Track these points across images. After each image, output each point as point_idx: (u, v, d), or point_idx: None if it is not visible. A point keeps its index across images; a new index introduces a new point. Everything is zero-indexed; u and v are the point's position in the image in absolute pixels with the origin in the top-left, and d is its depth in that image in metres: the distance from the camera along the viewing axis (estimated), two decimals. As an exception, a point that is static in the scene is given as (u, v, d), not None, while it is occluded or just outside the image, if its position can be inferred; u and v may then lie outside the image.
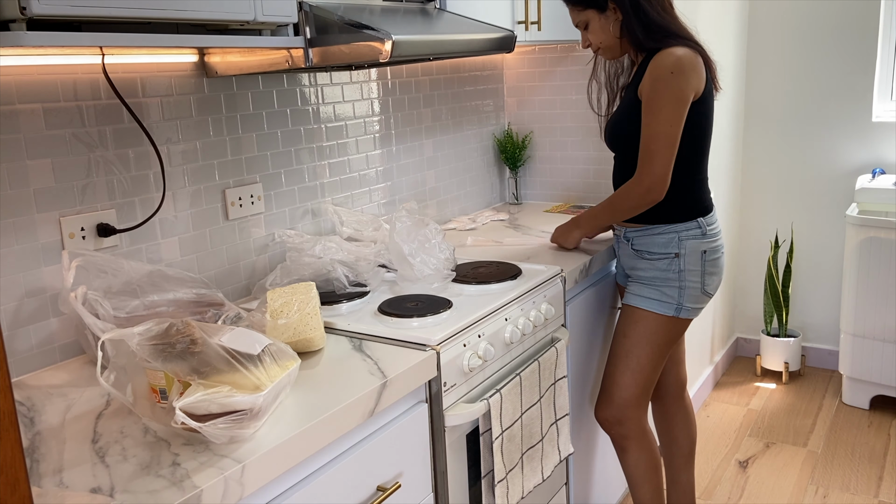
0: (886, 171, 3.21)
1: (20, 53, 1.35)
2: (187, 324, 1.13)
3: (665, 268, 1.89)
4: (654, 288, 1.91)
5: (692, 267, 1.88)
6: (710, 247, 1.89)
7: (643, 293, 1.92)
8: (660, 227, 1.89)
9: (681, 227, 1.87)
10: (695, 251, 1.87)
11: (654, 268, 1.90)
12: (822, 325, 3.51)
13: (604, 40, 1.89)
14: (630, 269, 1.98)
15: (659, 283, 1.90)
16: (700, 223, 1.88)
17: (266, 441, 1.09)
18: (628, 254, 1.97)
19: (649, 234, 1.91)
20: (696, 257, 1.88)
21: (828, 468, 2.69)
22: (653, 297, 1.90)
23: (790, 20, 3.29)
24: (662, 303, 1.90)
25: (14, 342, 1.41)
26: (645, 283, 1.92)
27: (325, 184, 2.08)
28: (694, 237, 1.87)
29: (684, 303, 1.89)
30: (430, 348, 1.43)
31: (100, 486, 1.00)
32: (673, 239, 1.88)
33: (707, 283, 1.91)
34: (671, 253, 1.88)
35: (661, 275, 1.89)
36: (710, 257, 1.90)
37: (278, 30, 1.45)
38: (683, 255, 1.87)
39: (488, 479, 1.60)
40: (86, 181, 1.50)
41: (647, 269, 1.92)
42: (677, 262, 1.88)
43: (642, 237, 1.92)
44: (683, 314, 1.91)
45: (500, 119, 2.87)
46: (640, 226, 1.92)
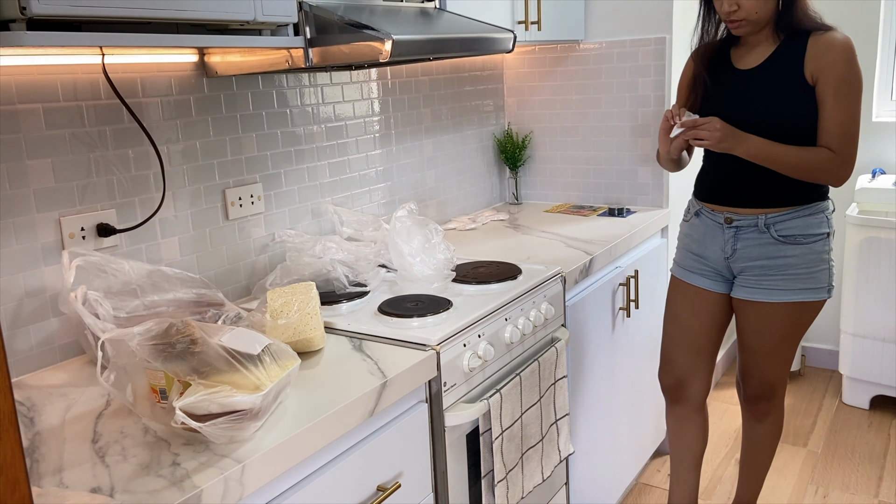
0: (886, 171, 3.20)
1: (20, 53, 1.35)
2: (187, 324, 1.13)
3: (821, 249, 1.85)
4: (807, 276, 1.85)
5: (832, 246, 1.90)
6: None
7: (794, 285, 1.86)
8: (812, 206, 1.85)
9: (827, 205, 1.88)
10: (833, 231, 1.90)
11: (811, 251, 1.85)
12: (822, 325, 3.51)
13: (760, 10, 1.76)
14: (762, 260, 1.88)
15: (814, 267, 1.85)
16: (832, 202, 1.91)
17: (266, 441, 1.09)
18: (767, 241, 1.87)
19: (800, 215, 1.84)
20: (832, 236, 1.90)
21: (828, 468, 2.69)
22: (807, 286, 1.86)
23: (790, 20, 3.28)
24: (817, 289, 1.86)
25: (14, 342, 1.41)
26: (797, 273, 1.85)
27: (325, 184, 2.08)
28: (832, 214, 1.90)
29: (832, 282, 1.89)
30: (430, 348, 1.44)
31: (100, 486, 1.00)
32: (823, 219, 1.86)
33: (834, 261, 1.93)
34: (824, 233, 1.85)
35: (817, 257, 1.85)
36: None
37: (278, 30, 1.45)
38: (832, 233, 1.87)
39: (488, 479, 1.60)
40: (86, 181, 1.50)
41: (801, 255, 1.85)
42: (828, 242, 1.87)
43: (790, 220, 1.84)
44: (832, 293, 1.90)
45: (500, 119, 2.87)
46: (787, 209, 1.85)
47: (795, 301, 1.87)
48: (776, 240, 1.86)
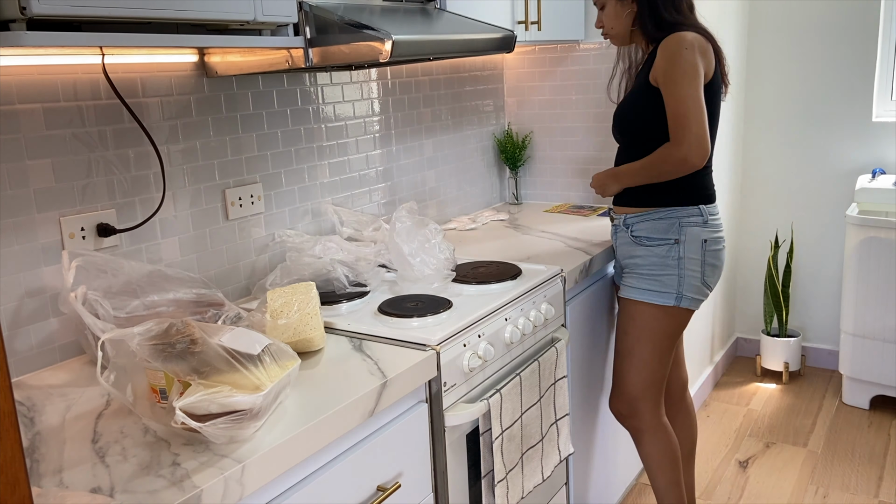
0: (886, 171, 3.20)
1: (20, 53, 1.35)
2: (187, 324, 1.13)
3: (664, 254, 1.87)
4: (651, 279, 1.89)
5: (692, 255, 1.86)
6: (712, 236, 1.88)
7: (641, 285, 1.91)
8: (661, 210, 1.88)
9: (682, 213, 1.86)
10: (695, 238, 1.86)
11: (653, 254, 1.88)
12: (822, 325, 3.51)
13: (615, 27, 1.94)
14: (627, 258, 1.96)
15: (657, 271, 1.88)
16: (702, 210, 1.87)
17: (266, 441, 1.09)
18: (626, 241, 1.95)
19: (650, 218, 1.89)
20: (696, 245, 1.86)
21: (828, 468, 2.69)
22: (651, 287, 1.89)
23: (790, 20, 3.29)
24: (661, 293, 1.88)
25: (14, 342, 1.41)
26: (643, 273, 1.90)
27: (325, 184, 2.08)
28: (695, 224, 1.86)
29: (684, 292, 1.87)
30: (430, 348, 1.43)
31: (100, 486, 1.00)
32: (674, 224, 1.86)
33: (707, 275, 1.89)
34: (671, 239, 1.87)
35: (660, 261, 1.87)
36: (711, 247, 1.88)
37: (278, 30, 1.45)
38: (683, 241, 1.86)
39: (488, 479, 1.59)
40: (86, 181, 1.50)
41: (645, 257, 1.90)
42: (677, 249, 1.86)
43: (642, 222, 1.90)
44: (684, 303, 1.88)
45: (500, 119, 2.87)
46: (641, 210, 1.91)
47: (640, 300, 1.90)
48: (632, 239, 1.93)
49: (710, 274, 1.90)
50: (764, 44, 3.38)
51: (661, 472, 2.02)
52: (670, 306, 1.89)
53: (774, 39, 3.36)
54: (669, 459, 2.01)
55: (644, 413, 1.97)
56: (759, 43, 3.39)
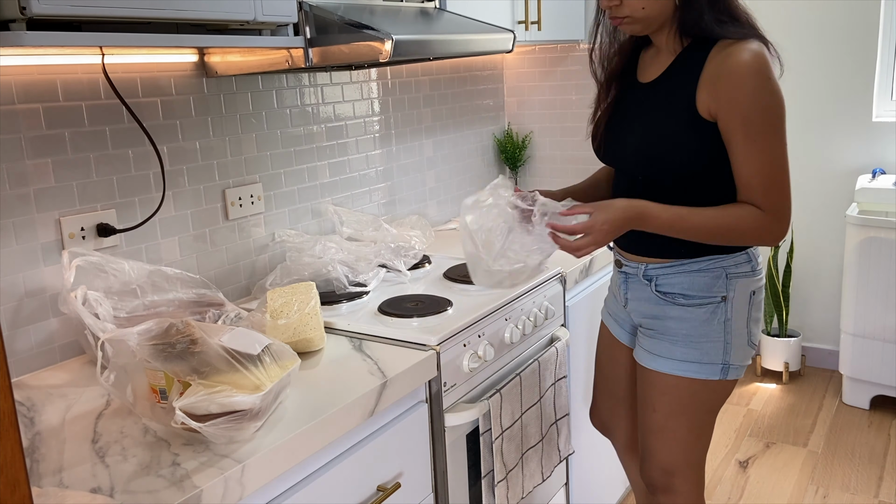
0: (886, 171, 3.20)
1: (20, 53, 1.35)
2: (187, 324, 1.13)
3: (707, 318, 1.43)
4: (689, 346, 1.44)
5: (739, 313, 1.44)
6: (758, 286, 1.47)
7: (674, 354, 1.46)
8: (702, 260, 1.42)
9: (729, 262, 1.42)
10: (744, 293, 1.44)
11: (692, 316, 1.44)
12: (822, 325, 3.50)
13: (649, 10, 1.36)
14: (648, 318, 1.51)
15: (696, 337, 1.44)
16: (750, 255, 1.44)
17: (266, 441, 1.09)
18: (647, 298, 1.49)
19: (686, 271, 1.43)
20: (744, 301, 1.44)
21: (828, 468, 2.69)
22: (688, 358, 1.45)
23: (790, 20, 3.29)
24: (703, 364, 1.44)
25: (14, 342, 1.41)
26: (676, 339, 1.46)
27: (325, 184, 2.08)
28: (744, 274, 1.43)
29: (731, 361, 1.44)
30: (430, 348, 1.43)
31: (100, 486, 1.00)
32: (720, 277, 1.42)
33: (753, 333, 1.48)
34: (717, 297, 1.42)
35: (701, 327, 1.43)
36: (757, 298, 1.47)
37: (278, 30, 1.45)
38: (732, 298, 1.42)
39: (488, 479, 1.59)
40: (86, 181, 1.50)
41: (679, 320, 1.45)
42: (724, 309, 1.42)
43: (674, 276, 1.45)
44: (731, 375, 1.46)
45: (500, 119, 2.87)
46: (671, 260, 1.44)
47: (675, 374, 1.46)
48: (657, 295, 1.48)
49: (756, 331, 1.49)
50: (764, 44, 3.37)
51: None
52: (714, 381, 1.46)
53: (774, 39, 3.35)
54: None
55: (681, 491, 1.54)
56: (759, 43, 3.38)
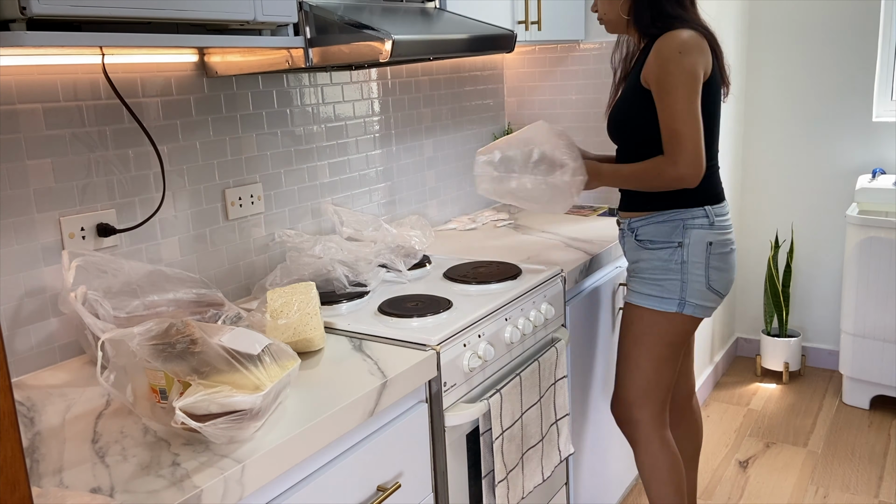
0: (886, 171, 3.20)
1: (20, 53, 1.35)
2: (187, 324, 1.13)
3: (666, 258, 1.79)
4: (654, 283, 1.81)
5: (695, 258, 1.78)
6: (718, 239, 1.79)
7: (643, 290, 1.84)
8: (664, 213, 1.80)
9: (686, 215, 1.78)
10: (700, 241, 1.78)
11: (656, 258, 1.81)
12: (822, 325, 3.50)
13: (608, 13, 1.84)
14: (633, 262, 1.89)
15: (659, 275, 1.80)
16: (707, 212, 1.79)
17: (266, 441, 1.09)
18: (632, 246, 1.88)
19: (653, 221, 1.81)
20: (700, 248, 1.78)
21: (828, 468, 2.69)
22: (652, 293, 1.82)
23: (790, 20, 3.29)
24: (663, 299, 1.81)
25: (14, 342, 1.41)
26: (646, 278, 1.83)
27: (325, 184, 2.08)
28: (700, 226, 1.78)
29: (687, 298, 1.79)
30: (430, 348, 1.43)
31: (100, 486, 1.00)
32: (678, 227, 1.78)
33: (712, 279, 1.80)
34: (674, 242, 1.79)
35: (662, 265, 1.80)
36: (717, 250, 1.79)
37: (278, 30, 1.45)
38: (687, 244, 1.78)
39: (488, 479, 1.59)
40: (86, 181, 1.50)
41: (648, 261, 1.83)
42: (679, 253, 1.78)
43: (646, 226, 1.83)
44: (687, 310, 1.80)
45: (500, 119, 2.87)
46: (644, 214, 1.83)
47: (642, 306, 1.83)
48: (636, 243, 1.86)
49: (716, 278, 1.81)
50: (764, 44, 3.38)
51: (655, 482, 1.93)
52: (672, 313, 1.81)
53: (774, 39, 3.36)
54: (661, 475, 1.92)
55: (639, 422, 1.89)
56: (759, 43, 3.39)
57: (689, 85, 1.69)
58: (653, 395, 1.88)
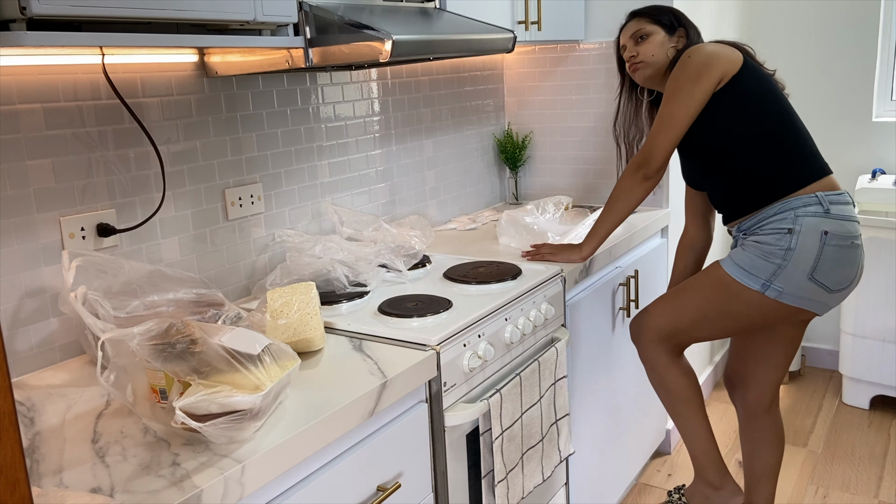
0: (886, 171, 3.20)
1: (20, 53, 1.35)
2: (187, 324, 1.13)
3: (773, 242, 1.71)
4: (748, 258, 1.74)
5: (806, 248, 1.68)
6: (832, 227, 1.68)
7: (737, 259, 1.77)
8: (773, 205, 1.75)
9: (796, 203, 1.71)
10: (813, 230, 1.68)
11: (762, 241, 1.74)
12: (822, 325, 3.51)
13: (658, 56, 1.91)
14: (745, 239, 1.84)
15: (759, 254, 1.73)
16: (820, 198, 1.71)
17: (266, 441, 1.09)
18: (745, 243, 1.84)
19: (765, 215, 1.76)
20: (814, 237, 1.68)
21: (828, 468, 2.69)
22: (743, 265, 1.75)
23: (790, 20, 3.29)
24: (749, 274, 1.74)
25: (14, 342, 1.41)
26: (747, 251, 1.76)
27: (325, 184, 2.08)
28: (813, 214, 1.69)
29: (775, 283, 1.71)
30: (430, 348, 1.44)
31: (100, 486, 1.00)
32: (788, 215, 1.71)
33: (819, 271, 1.69)
34: (783, 228, 1.70)
35: (766, 248, 1.72)
36: (833, 242, 1.68)
37: (278, 30, 1.45)
38: (798, 231, 1.68)
39: (488, 479, 1.59)
40: (86, 181, 1.50)
41: (755, 240, 1.76)
42: (788, 239, 1.69)
43: (758, 223, 1.78)
44: (771, 293, 1.72)
45: (500, 119, 2.87)
46: (750, 215, 1.80)
47: (727, 270, 1.78)
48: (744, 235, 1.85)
49: (827, 270, 1.69)
50: (764, 44, 3.37)
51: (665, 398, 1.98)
52: (752, 289, 1.74)
53: (774, 39, 3.36)
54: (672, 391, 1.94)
55: (648, 343, 1.93)
56: (758, 43, 3.39)
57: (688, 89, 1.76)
58: (674, 335, 1.90)
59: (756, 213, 1.79)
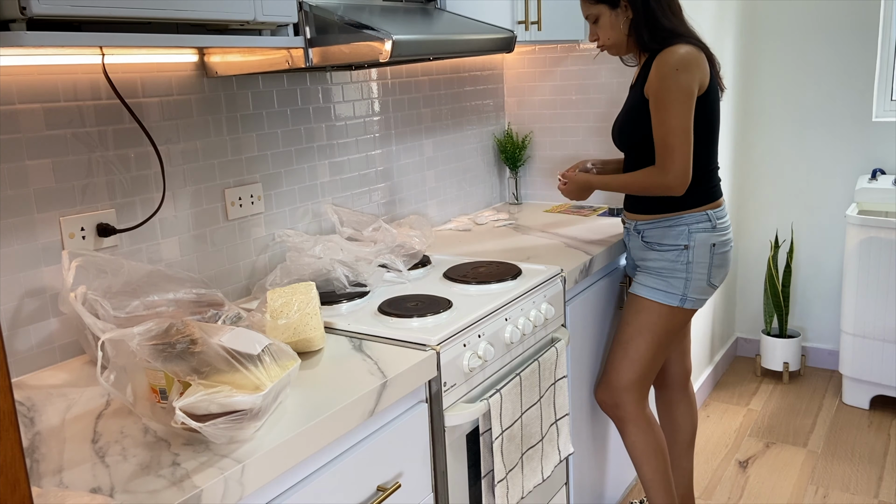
0: (886, 171, 3.20)
1: (20, 53, 1.35)
2: (187, 324, 1.13)
3: (674, 259, 1.94)
4: (660, 278, 1.96)
5: (700, 259, 1.93)
6: (720, 240, 1.94)
7: (649, 283, 1.98)
8: (670, 218, 1.94)
9: (691, 220, 1.92)
10: (704, 244, 1.92)
11: (663, 258, 1.95)
12: (822, 325, 3.51)
13: (612, 37, 1.94)
14: (639, 260, 2.03)
15: (666, 273, 1.95)
16: (710, 216, 1.93)
17: (266, 441, 1.09)
18: (638, 245, 2.02)
19: (660, 226, 1.96)
20: (704, 250, 1.93)
21: (828, 468, 2.69)
22: (658, 287, 1.96)
23: (790, 20, 3.29)
24: (667, 293, 1.95)
25: (14, 342, 1.41)
26: (652, 273, 1.98)
27: (325, 184, 2.08)
28: (704, 230, 1.93)
29: (689, 294, 1.95)
30: (430, 348, 1.44)
31: (100, 486, 1.00)
32: (683, 231, 1.93)
33: (713, 276, 1.96)
34: (680, 245, 1.93)
35: (669, 265, 1.94)
36: (719, 250, 1.95)
37: (278, 30, 1.45)
38: (692, 247, 1.92)
39: (488, 479, 1.59)
40: (86, 181, 1.50)
41: (655, 260, 1.97)
42: (686, 254, 1.93)
43: (653, 229, 1.97)
44: (688, 305, 1.96)
45: (500, 119, 2.87)
46: (650, 217, 1.97)
47: (648, 298, 1.97)
48: (644, 244, 2.00)
49: (716, 274, 1.97)
50: (764, 44, 3.38)
51: (647, 463, 2.05)
52: (674, 306, 1.96)
53: (774, 39, 3.36)
54: (653, 450, 2.04)
55: (627, 404, 2.02)
56: (758, 43, 3.39)
57: (683, 101, 1.81)
58: (643, 381, 2.02)
59: (656, 217, 1.96)
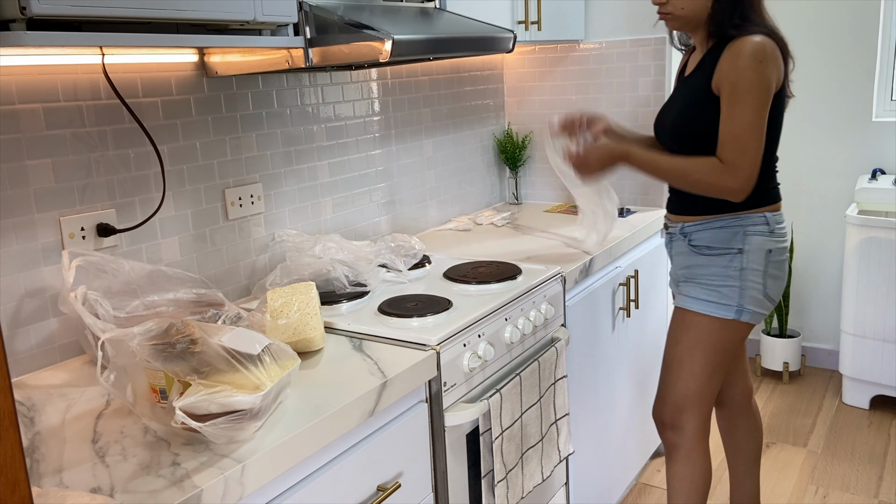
0: (886, 171, 3.20)
1: (20, 53, 1.35)
2: (187, 324, 1.13)
3: (725, 265, 1.75)
4: (711, 289, 1.77)
5: (755, 266, 1.74)
6: (776, 246, 1.76)
7: (698, 294, 1.79)
8: (723, 218, 1.75)
9: (746, 221, 1.74)
10: (759, 249, 1.74)
11: (714, 264, 1.77)
12: (822, 325, 3.51)
13: (688, 6, 1.70)
14: (685, 268, 1.85)
15: (717, 282, 1.76)
16: (768, 219, 1.75)
17: (266, 441, 1.09)
18: (684, 251, 1.84)
19: (711, 227, 1.77)
20: (759, 255, 1.74)
21: (828, 468, 2.69)
22: (710, 298, 1.77)
23: (790, 20, 3.29)
24: (720, 305, 1.76)
25: (14, 342, 1.41)
26: (701, 283, 1.79)
27: (325, 184, 2.08)
28: (760, 233, 1.74)
29: (745, 305, 1.75)
30: (430, 348, 1.44)
31: (100, 486, 1.00)
32: (738, 233, 1.74)
33: (769, 287, 1.76)
34: (734, 248, 1.74)
35: (721, 272, 1.75)
36: (775, 258, 1.76)
37: (278, 30, 1.45)
38: (747, 251, 1.74)
39: (488, 479, 1.60)
40: (86, 181, 1.50)
41: (704, 266, 1.79)
42: (739, 259, 1.74)
43: (702, 231, 1.79)
44: (745, 318, 1.76)
45: (500, 119, 2.87)
46: (700, 218, 1.79)
47: (699, 311, 1.79)
48: (691, 248, 1.82)
49: (773, 286, 1.77)
50: (764, 44, 3.37)
51: (683, 497, 1.90)
52: (729, 319, 1.77)
53: (774, 39, 3.35)
54: (696, 490, 1.88)
55: (686, 429, 1.85)
56: (759, 43, 3.38)
57: (764, 97, 1.64)
58: (704, 402, 1.84)
59: (707, 218, 1.78)
